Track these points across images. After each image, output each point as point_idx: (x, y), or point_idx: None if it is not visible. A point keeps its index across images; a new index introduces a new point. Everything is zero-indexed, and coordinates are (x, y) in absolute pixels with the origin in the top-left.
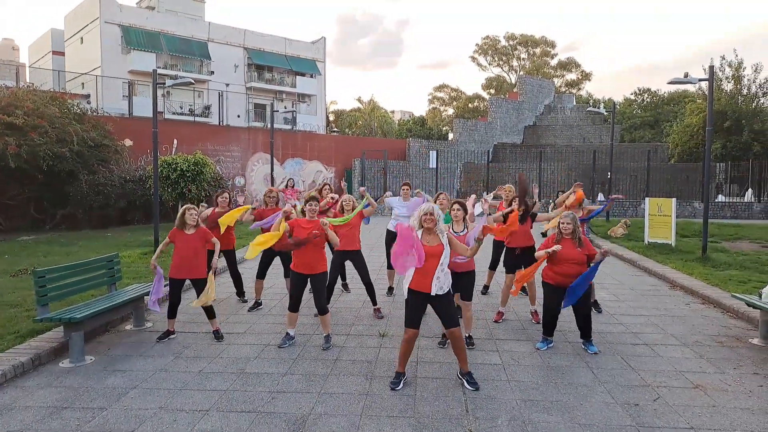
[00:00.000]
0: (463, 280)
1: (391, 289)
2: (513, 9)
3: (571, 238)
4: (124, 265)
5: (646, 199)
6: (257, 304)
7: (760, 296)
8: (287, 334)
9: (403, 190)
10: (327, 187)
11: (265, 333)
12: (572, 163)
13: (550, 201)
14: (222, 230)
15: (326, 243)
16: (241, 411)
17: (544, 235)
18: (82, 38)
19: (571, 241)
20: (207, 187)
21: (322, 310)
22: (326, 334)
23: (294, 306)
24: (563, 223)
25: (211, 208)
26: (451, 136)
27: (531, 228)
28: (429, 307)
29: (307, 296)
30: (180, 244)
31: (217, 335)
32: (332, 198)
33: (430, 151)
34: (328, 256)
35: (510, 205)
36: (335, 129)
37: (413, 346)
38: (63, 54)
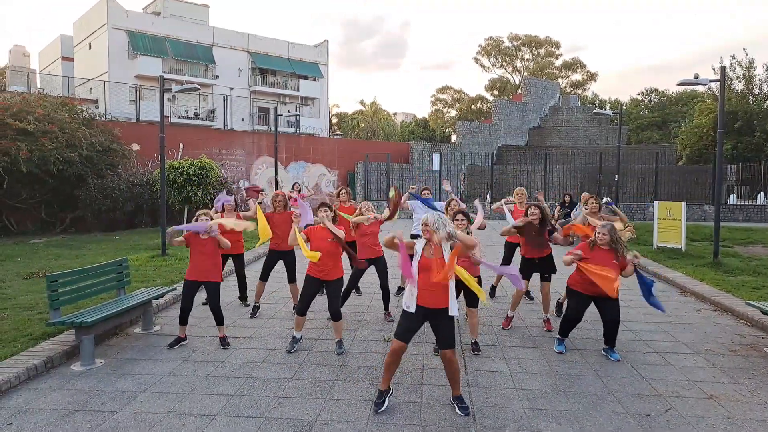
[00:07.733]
0: (465, 287)
1: (400, 289)
2: (517, 9)
3: (608, 248)
4: (132, 268)
5: (655, 202)
6: (256, 308)
7: None
8: (293, 337)
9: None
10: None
11: (271, 337)
12: (578, 165)
13: (555, 204)
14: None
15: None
16: (248, 416)
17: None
18: (90, 44)
19: (606, 252)
20: (213, 191)
21: (336, 316)
22: (338, 339)
23: (302, 310)
24: (600, 234)
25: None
26: (454, 138)
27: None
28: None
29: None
30: (195, 248)
31: (224, 342)
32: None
33: (433, 154)
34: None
35: (526, 211)
36: (338, 132)
37: (399, 360)
38: (72, 60)
